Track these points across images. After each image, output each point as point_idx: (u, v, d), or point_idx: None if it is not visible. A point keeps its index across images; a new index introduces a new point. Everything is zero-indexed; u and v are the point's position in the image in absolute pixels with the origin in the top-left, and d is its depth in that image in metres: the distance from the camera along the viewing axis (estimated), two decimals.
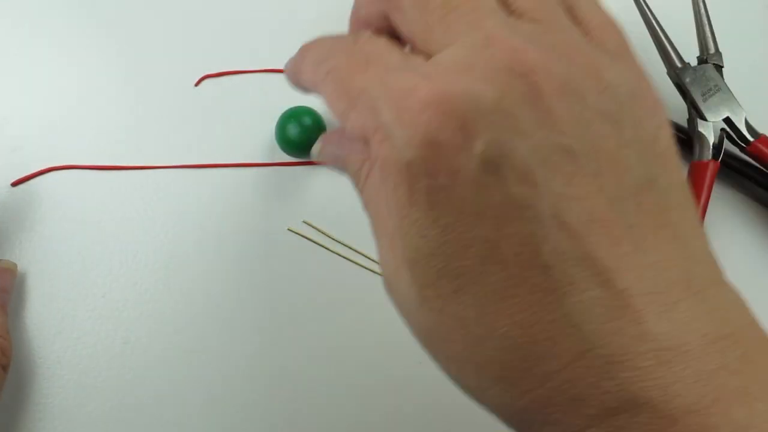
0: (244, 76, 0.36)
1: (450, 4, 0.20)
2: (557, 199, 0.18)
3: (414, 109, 0.18)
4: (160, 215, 0.34)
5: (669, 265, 0.19)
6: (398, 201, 0.19)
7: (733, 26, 0.37)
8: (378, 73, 0.20)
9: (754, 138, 0.33)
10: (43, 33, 0.37)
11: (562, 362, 0.18)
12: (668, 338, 0.18)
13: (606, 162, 0.19)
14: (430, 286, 0.19)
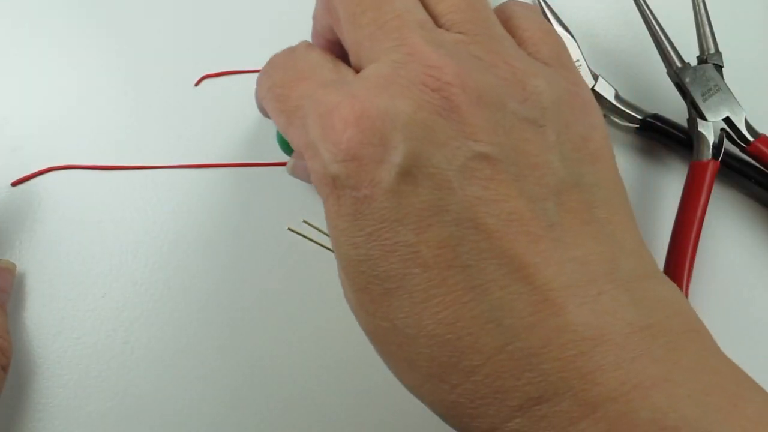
0: (244, 76, 0.36)
1: (378, 20, 0.21)
2: (474, 202, 0.19)
3: (337, 128, 0.19)
4: (160, 215, 0.34)
5: (592, 259, 0.19)
6: (329, 212, 0.20)
7: (733, 26, 0.38)
8: (309, 89, 0.22)
9: (754, 138, 0.33)
10: (43, 33, 0.37)
11: (484, 356, 0.19)
12: (589, 328, 0.18)
13: (526, 165, 0.20)
14: (362, 290, 0.20)
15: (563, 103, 0.21)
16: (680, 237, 0.31)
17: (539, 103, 0.21)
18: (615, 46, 0.38)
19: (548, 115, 0.21)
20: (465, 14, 0.22)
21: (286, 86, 0.23)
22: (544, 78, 0.21)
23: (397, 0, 0.22)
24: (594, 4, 0.38)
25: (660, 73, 0.34)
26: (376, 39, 0.21)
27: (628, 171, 0.35)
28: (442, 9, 0.22)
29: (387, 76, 0.20)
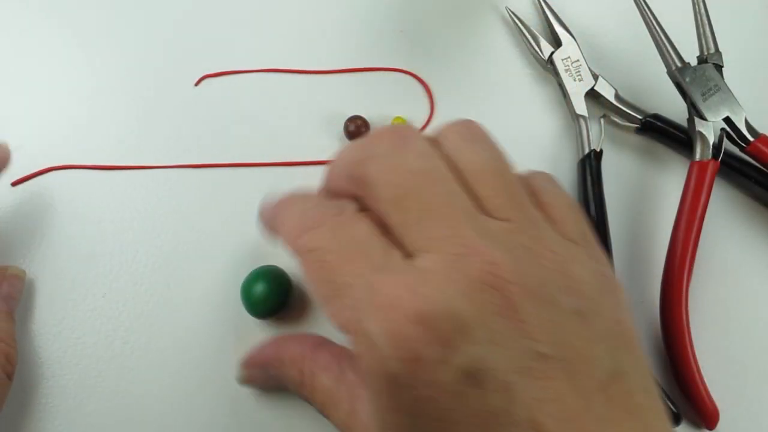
0: (244, 76, 0.36)
1: (425, 205, 0.21)
2: (532, 403, 0.19)
3: (398, 324, 0.19)
4: (160, 215, 0.34)
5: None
6: (380, 406, 0.20)
7: (733, 26, 0.38)
8: (363, 271, 0.21)
9: (754, 138, 0.33)
10: (43, 33, 0.37)
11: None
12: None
13: (577, 359, 0.20)
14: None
15: (598, 288, 0.22)
16: (680, 237, 0.31)
17: (582, 293, 0.21)
18: (615, 46, 0.38)
19: (590, 304, 0.21)
20: (505, 198, 0.22)
21: (337, 258, 0.22)
22: (580, 263, 0.22)
23: (440, 183, 0.22)
24: (594, 4, 0.38)
25: (660, 73, 0.34)
26: (425, 226, 0.21)
27: (628, 171, 0.35)
28: (484, 193, 0.22)
29: (446, 272, 0.20)
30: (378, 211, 0.23)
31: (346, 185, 0.24)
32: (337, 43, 0.37)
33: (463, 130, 0.25)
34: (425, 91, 0.36)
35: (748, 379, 0.32)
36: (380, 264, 0.21)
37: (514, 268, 0.20)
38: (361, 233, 0.22)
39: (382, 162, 0.23)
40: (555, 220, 0.24)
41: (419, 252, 0.21)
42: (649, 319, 0.33)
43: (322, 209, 0.23)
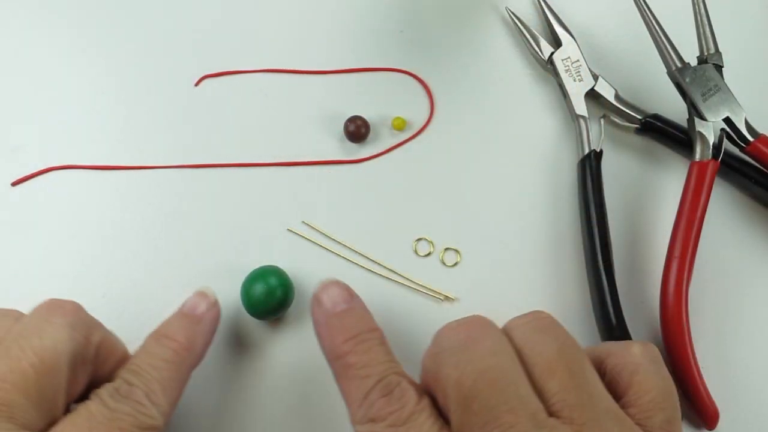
0: (244, 76, 0.36)
1: (491, 412, 0.22)
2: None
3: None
4: (160, 215, 0.34)
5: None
6: None
7: (733, 26, 0.38)
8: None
9: (753, 138, 0.33)
10: (44, 33, 0.37)
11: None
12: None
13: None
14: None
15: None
16: (680, 237, 0.31)
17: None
18: (615, 46, 0.38)
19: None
20: (573, 394, 0.23)
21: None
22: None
23: (511, 387, 0.23)
24: (594, 4, 0.38)
25: (660, 73, 0.34)
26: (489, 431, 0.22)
27: (628, 171, 0.35)
28: (552, 388, 0.23)
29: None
30: (445, 406, 0.24)
31: (424, 377, 0.26)
32: (337, 43, 0.37)
33: (534, 321, 0.26)
34: (425, 91, 0.36)
35: (748, 379, 0.32)
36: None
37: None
38: (422, 425, 0.23)
39: (454, 358, 0.24)
40: (639, 405, 0.24)
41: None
42: (649, 319, 0.33)
43: (382, 396, 0.24)
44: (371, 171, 0.35)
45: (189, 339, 0.28)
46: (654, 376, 0.25)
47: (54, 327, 0.24)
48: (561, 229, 0.34)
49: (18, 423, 0.22)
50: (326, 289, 0.29)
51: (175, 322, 0.28)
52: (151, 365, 0.26)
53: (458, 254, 0.34)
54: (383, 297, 0.33)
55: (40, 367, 0.23)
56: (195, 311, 0.29)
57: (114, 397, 0.24)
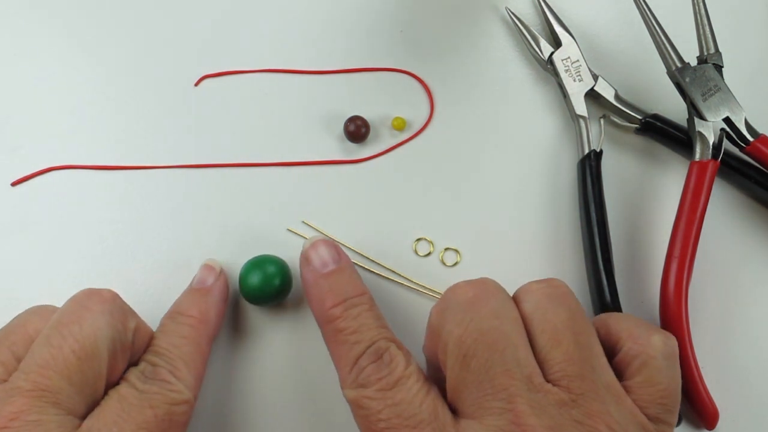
0: (244, 76, 0.36)
1: (487, 371, 0.23)
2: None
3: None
4: (160, 215, 0.34)
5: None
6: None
7: (733, 26, 0.38)
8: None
9: (753, 138, 0.33)
10: (44, 33, 0.37)
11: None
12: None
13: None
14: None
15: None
16: (680, 237, 0.31)
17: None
18: (615, 46, 0.38)
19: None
20: (575, 367, 0.23)
21: (383, 424, 0.24)
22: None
23: (509, 350, 0.23)
24: (594, 4, 0.38)
25: (660, 73, 0.34)
26: (482, 390, 0.23)
27: (628, 171, 0.35)
28: (556, 357, 0.24)
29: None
30: (444, 362, 0.24)
31: (429, 331, 0.26)
32: (337, 43, 0.37)
33: (548, 288, 0.26)
34: (425, 91, 0.36)
35: (748, 380, 0.32)
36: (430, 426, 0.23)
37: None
38: (410, 396, 0.24)
39: (458, 316, 0.24)
40: (637, 393, 0.24)
41: (469, 417, 0.23)
42: (649, 319, 0.33)
43: (372, 362, 0.25)
44: (371, 171, 0.35)
45: (202, 312, 0.28)
46: (664, 373, 0.25)
47: (93, 314, 0.25)
48: (561, 229, 0.34)
49: (63, 408, 0.23)
50: (315, 247, 0.29)
51: (186, 299, 0.29)
52: (171, 344, 0.27)
53: (458, 254, 0.34)
54: (383, 297, 0.33)
55: (81, 354, 0.23)
56: (204, 284, 0.30)
57: (141, 378, 0.25)
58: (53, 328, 0.24)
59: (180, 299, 0.29)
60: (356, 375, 0.25)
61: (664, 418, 0.25)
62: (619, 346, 0.26)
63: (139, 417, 0.23)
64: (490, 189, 0.35)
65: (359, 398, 0.24)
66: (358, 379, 0.25)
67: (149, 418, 0.24)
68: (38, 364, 0.23)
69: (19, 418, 0.22)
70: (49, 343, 0.24)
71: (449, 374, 0.24)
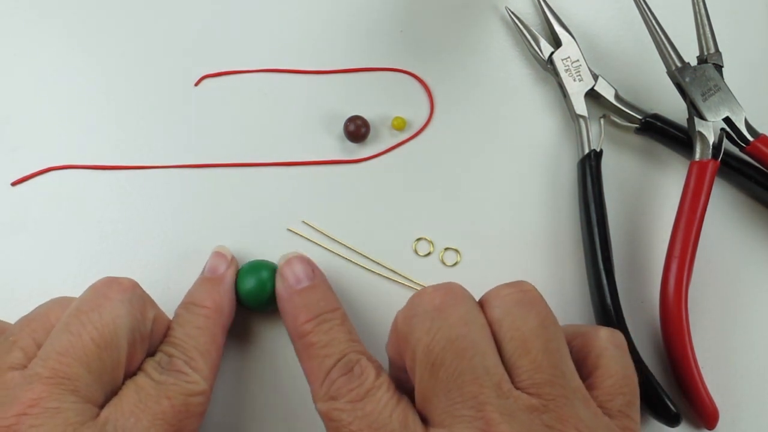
0: (244, 76, 0.36)
1: (455, 379, 0.23)
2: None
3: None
4: (160, 215, 0.34)
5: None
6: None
7: (733, 26, 0.38)
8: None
9: (753, 138, 0.33)
10: (44, 33, 0.37)
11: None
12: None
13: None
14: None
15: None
16: (680, 237, 0.31)
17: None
18: (615, 46, 0.38)
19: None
20: (544, 374, 0.23)
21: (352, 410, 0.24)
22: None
23: (477, 357, 0.23)
24: (594, 4, 0.38)
25: (660, 73, 0.34)
26: (451, 399, 0.23)
27: (628, 171, 0.35)
28: (524, 365, 0.24)
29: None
30: (412, 369, 0.24)
31: (395, 338, 0.26)
32: (337, 43, 0.37)
33: (517, 293, 0.26)
34: (425, 91, 0.36)
35: (748, 379, 0.32)
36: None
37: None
38: (380, 407, 0.24)
39: (426, 324, 0.24)
40: (602, 388, 0.25)
41: (439, 426, 0.23)
42: (649, 319, 0.33)
43: (343, 374, 0.25)
44: (371, 171, 0.35)
45: (216, 302, 0.28)
46: (618, 361, 0.26)
47: (112, 302, 0.25)
48: (561, 229, 0.34)
49: (81, 396, 0.23)
50: (289, 264, 0.29)
51: (199, 288, 0.29)
52: (186, 334, 0.27)
53: (458, 254, 0.34)
54: (383, 297, 0.33)
55: (100, 341, 0.24)
56: (216, 273, 0.30)
57: (157, 369, 0.25)
58: (73, 315, 0.24)
59: (193, 289, 0.29)
60: (327, 387, 0.25)
61: (628, 411, 0.25)
62: (571, 346, 0.26)
63: (156, 408, 0.24)
64: (490, 189, 0.35)
65: (330, 410, 0.25)
66: (329, 391, 0.25)
67: (166, 409, 0.24)
68: (57, 351, 0.23)
69: (38, 405, 0.22)
70: (69, 330, 0.24)
71: (418, 382, 0.24)
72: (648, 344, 0.32)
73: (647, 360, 0.31)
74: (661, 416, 0.29)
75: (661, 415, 0.29)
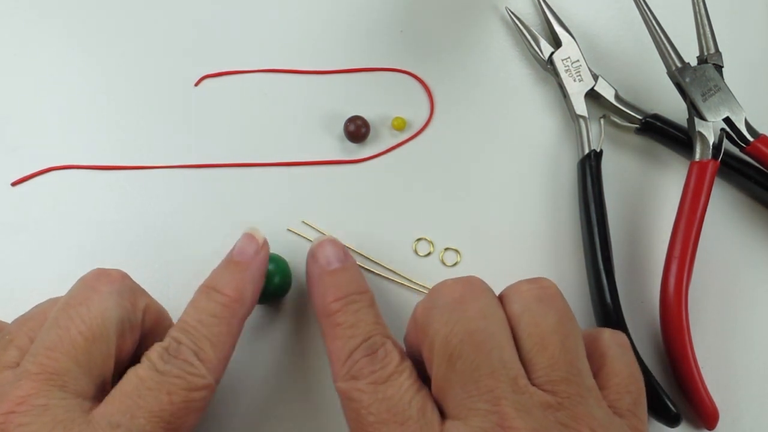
0: (244, 76, 0.36)
1: (473, 372, 0.23)
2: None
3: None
4: (160, 215, 0.34)
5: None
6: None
7: (733, 26, 0.38)
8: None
9: (753, 138, 0.33)
10: (44, 33, 0.37)
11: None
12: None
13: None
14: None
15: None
16: (680, 237, 0.31)
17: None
18: (615, 46, 0.38)
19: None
20: (561, 372, 0.23)
21: (372, 418, 0.24)
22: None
23: (495, 351, 0.23)
24: (594, 4, 0.38)
25: (660, 73, 0.34)
26: (467, 391, 0.23)
27: (628, 171, 0.35)
28: (541, 361, 0.24)
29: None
30: (429, 360, 0.24)
31: (414, 328, 0.26)
32: (337, 43, 0.37)
33: (537, 289, 0.26)
34: (425, 91, 0.36)
35: (748, 379, 0.32)
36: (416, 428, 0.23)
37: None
38: (400, 392, 0.24)
39: (445, 316, 0.24)
40: (609, 387, 0.25)
41: (455, 418, 0.23)
42: (649, 319, 0.33)
43: (366, 355, 0.25)
44: (371, 171, 0.35)
45: (238, 289, 0.27)
46: (622, 360, 0.26)
47: (101, 295, 0.25)
48: (561, 229, 0.34)
49: (70, 391, 0.23)
50: (322, 246, 0.29)
51: (223, 272, 0.28)
52: (200, 321, 0.26)
53: (458, 254, 0.34)
54: (383, 297, 0.33)
55: (88, 335, 0.23)
56: (244, 256, 0.29)
57: (163, 357, 0.24)
58: (61, 310, 0.24)
59: (216, 272, 0.28)
60: (349, 367, 0.25)
61: (635, 410, 0.25)
62: None
63: (153, 404, 0.23)
64: (490, 189, 0.35)
65: (350, 390, 0.24)
66: (351, 371, 0.25)
67: (164, 406, 0.23)
68: (45, 346, 0.23)
69: (26, 402, 0.22)
70: (57, 325, 0.24)
71: (435, 373, 0.24)
72: (648, 344, 0.32)
73: (647, 360, 0.31)
74: (661, 416, 0.29)
75: (661, 415, 0.29)
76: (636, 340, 0.31)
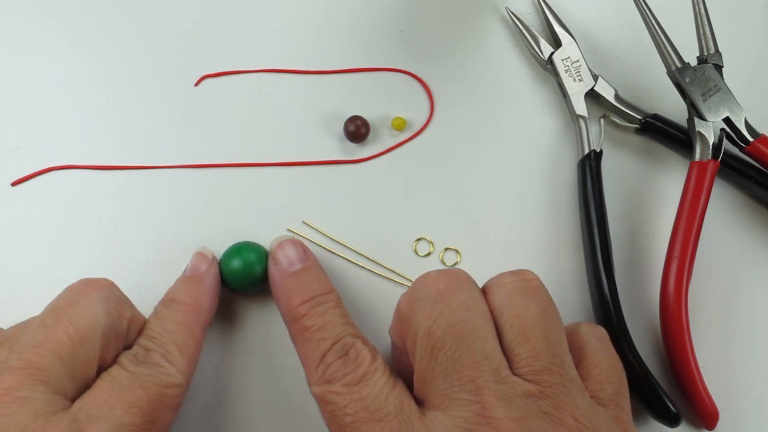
0: (244, 76, 0.36)
1: (455, 363, 0.23)
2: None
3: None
4: (160, 215, 0.34)
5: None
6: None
7: (733, 26, 0.38)
8: (372, 426, 0.23)
9: (753, 138, 0.33)
10: (44, 33, 0.37)
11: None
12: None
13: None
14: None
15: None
16: (680, 237, 0.31)
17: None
18: (615, 46, 0.38)
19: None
20: (543, 362, 0.23)
21: (349, 419, 0.24)
22: (603, 430, 0.23)
23: (477, 342, 0.23)
24: (594, 4, 0.38)
25: (660, 73, 0.34)
26: (449, 382, 0.23)
27: (628, 171, 0.35)
28: (523, 352, 0.24)
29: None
30: (412, 351, 0.24)
31: (398, 320, 0.26)
32: (337, 43, 0.37)
33: (520, 281, 0.26)
34: (425, 91, 0.36)
35: (748, 379, 0.32)
36: (392, 417, 0.23)
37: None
38: (375, 391, 0.24)
39: (428, 308, 0.24)
40: (590, 378, 0.25)
41: (436, 408, 0.23)
42: (649, 319, 0.33)
43: (338, 358, 0.25)
44: (371, 171, 0.35)
45: (196, 299, 0.28)
46: (601, 352, 0.26)
47: (89, 300, 0.25)
48: (561, 229, 0.34)
49: (52, 387, 0.23)
50: (282, 247, 0.30)
51: (180, 286, 0.29)
52: (164, 329, 0.27)
53: (458, 254, 0.34)
54: (383, 297, 0.33)
55: (75, 336, 0.24)
56: (197, 271, 0.30)
57: (133, 362, 0.25)
58: (49, 311, 0.25)
59: (173, 287, 0.30)
60: (323, 371, 0.25)
61: (618, 401, 0.25)
62: None
63: (130, 396, 0.24)
64: (490, 189, 0.35)
65: (325, 393, 0.25)
66: (324, 375, 0.25)
67: (141, 398, 0.24)
68: (31, 343, 0.23)
69: (8, 394, 0.22)
70: (44, 325, 0.24)
71: (417, 365, 0.24)
72: (648, 344, 0.32)
73: (647, 360, 0.31)
74: (661, 416, 0.29)
75: (661, 415, 0.29)
76: (636, 340, 0.31)
